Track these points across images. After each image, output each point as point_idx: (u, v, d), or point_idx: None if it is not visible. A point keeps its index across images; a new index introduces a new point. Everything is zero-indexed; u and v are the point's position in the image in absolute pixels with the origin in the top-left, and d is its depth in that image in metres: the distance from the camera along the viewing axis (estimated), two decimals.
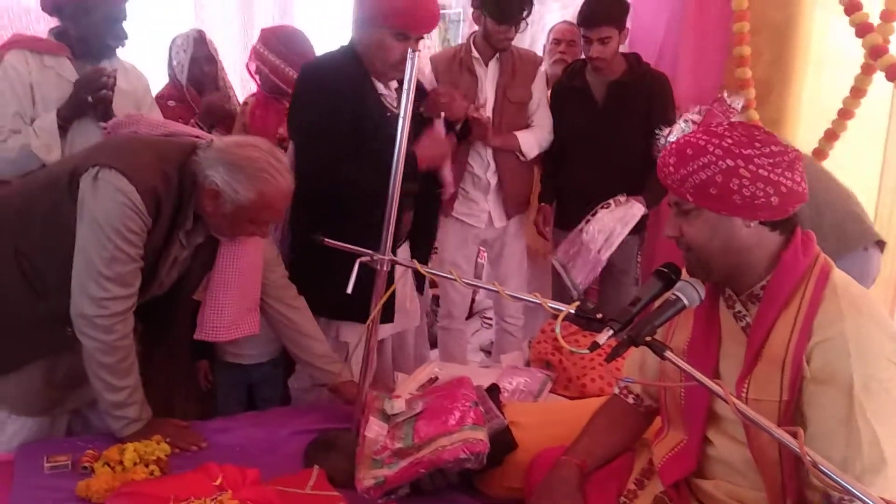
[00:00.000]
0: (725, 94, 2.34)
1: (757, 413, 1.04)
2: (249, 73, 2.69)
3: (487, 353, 3.72)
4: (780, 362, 1.20)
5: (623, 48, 2.78)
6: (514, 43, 2.70)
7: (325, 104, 1.97)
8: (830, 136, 2.67)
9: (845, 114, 2.59)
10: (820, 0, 2.70)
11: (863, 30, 2.42)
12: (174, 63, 2.65)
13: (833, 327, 1.17)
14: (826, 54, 2.71)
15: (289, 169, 1.68)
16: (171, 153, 1.67)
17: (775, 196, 1.18)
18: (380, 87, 2.08)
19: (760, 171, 1.17)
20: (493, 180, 2.78)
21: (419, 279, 2.32)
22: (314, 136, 2.01)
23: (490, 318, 3.82)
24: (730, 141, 1.19)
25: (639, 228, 2.77)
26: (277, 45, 2.56)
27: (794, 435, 0.98)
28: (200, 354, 2.29)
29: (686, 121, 2.40)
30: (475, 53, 2.72)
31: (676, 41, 2.95)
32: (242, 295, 1.86)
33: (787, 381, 1.19)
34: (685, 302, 1.21)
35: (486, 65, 2.71)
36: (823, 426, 1.17)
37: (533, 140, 2.77)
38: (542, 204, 2.88)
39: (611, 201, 2.62)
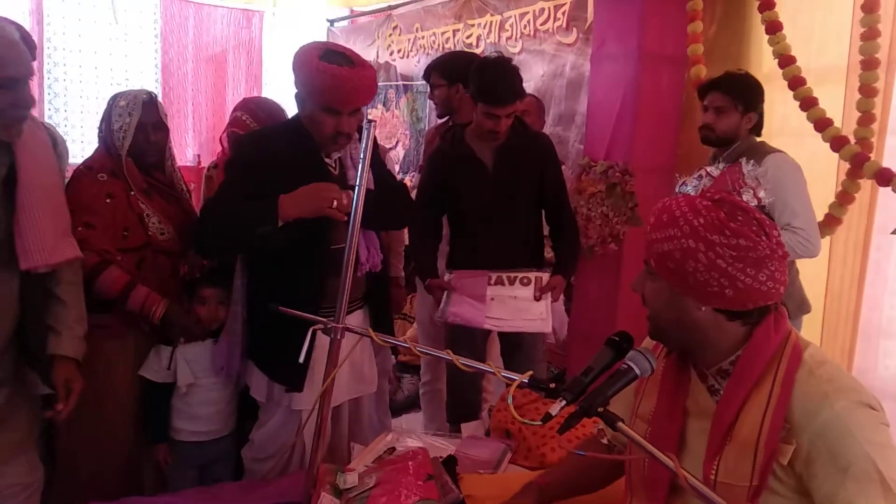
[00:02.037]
0: (744, 161, 2.35)
1: (726, 497, 1.01)
2: (221, 143, 2.69)
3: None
4: (752, 446, 1.17)
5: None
6: None
7: (245, 163, 2.01)
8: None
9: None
10: (766, 76, 2.83)
11: (807, 103, 2.53)
12: (115, 126, 2.21)
13: (823, 411, 1.13)
14: (773, 126, 2.81)
15: None
16: None
17: (730, 289, 1.16)
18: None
19: (718, 261, 1.15)
20: None
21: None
22: (224, 191, 2.03)
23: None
24: (702, 220, 1.16)
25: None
26: (259, 112, 2.61)
27: None
28: (157, 437, 2.22)
29: (700, 176, 2.41)
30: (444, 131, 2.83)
31: (633, 111, 3.05)
32: (54, 212, 1.83)
33: (759, 467, 1.16)
34: (637, 371, 1.20)
35: None
36: None
37: None
38: (431, 279, 2.65)
39: (531, 276, 2.55)
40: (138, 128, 2.19)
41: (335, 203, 1.90)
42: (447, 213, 2.73)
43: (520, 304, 2.54)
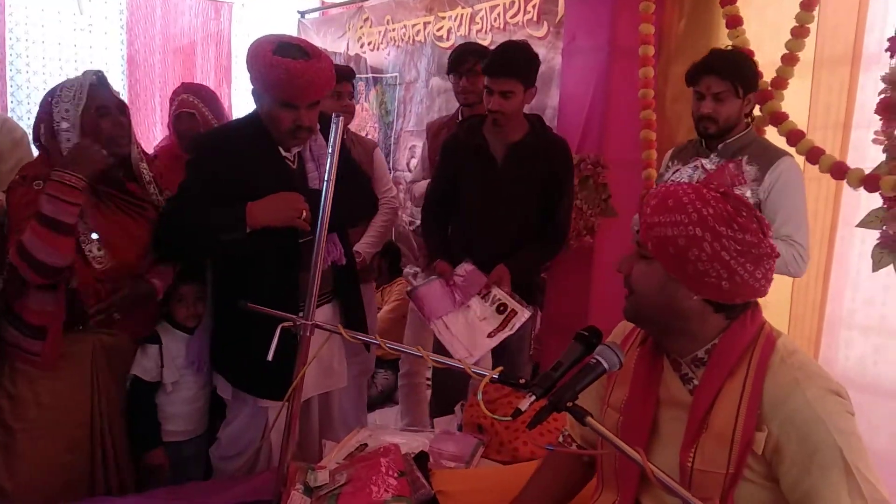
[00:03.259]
0: (745, 160, 2.24)
1: (702, 484, 1.03)
2: (170, 128, 2.71)
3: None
4: (728, 435, 1.19)
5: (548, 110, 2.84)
6: None
7: (207, 167, 1.99)
8: None
9: None
10: None
11: (763, 97, 2.56)
12: (60, 126, 1.83)
13: (793, 398, 1.16)
14: None
15: None
16: None
17: (727, 282, 1.18)
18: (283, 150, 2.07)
19: (723, 252, 1.17)
20: None
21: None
22: (185, 194, 2.01)
23: (429, 379, 3.77)
24: (710, 211, 1.18)
25: (536, 300, 2.78)
26: (202, 91, 2.71)
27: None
28: (152, 441, 2.15)
29: (695, 167, 2.33)
30: (460, 120, 2.87)
31: (604, 104, 3.06)
32: None
33: (735, 455, 1.19)
34: (605, 366, 1.21)
35: None
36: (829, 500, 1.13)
37: None
38: (440, 261, 2.64)
39: (509, 307, 2.48)
40: (100, 113, 1.87)
41: (304, 214, 1.91)
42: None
43: (473, 328, 2.46)
